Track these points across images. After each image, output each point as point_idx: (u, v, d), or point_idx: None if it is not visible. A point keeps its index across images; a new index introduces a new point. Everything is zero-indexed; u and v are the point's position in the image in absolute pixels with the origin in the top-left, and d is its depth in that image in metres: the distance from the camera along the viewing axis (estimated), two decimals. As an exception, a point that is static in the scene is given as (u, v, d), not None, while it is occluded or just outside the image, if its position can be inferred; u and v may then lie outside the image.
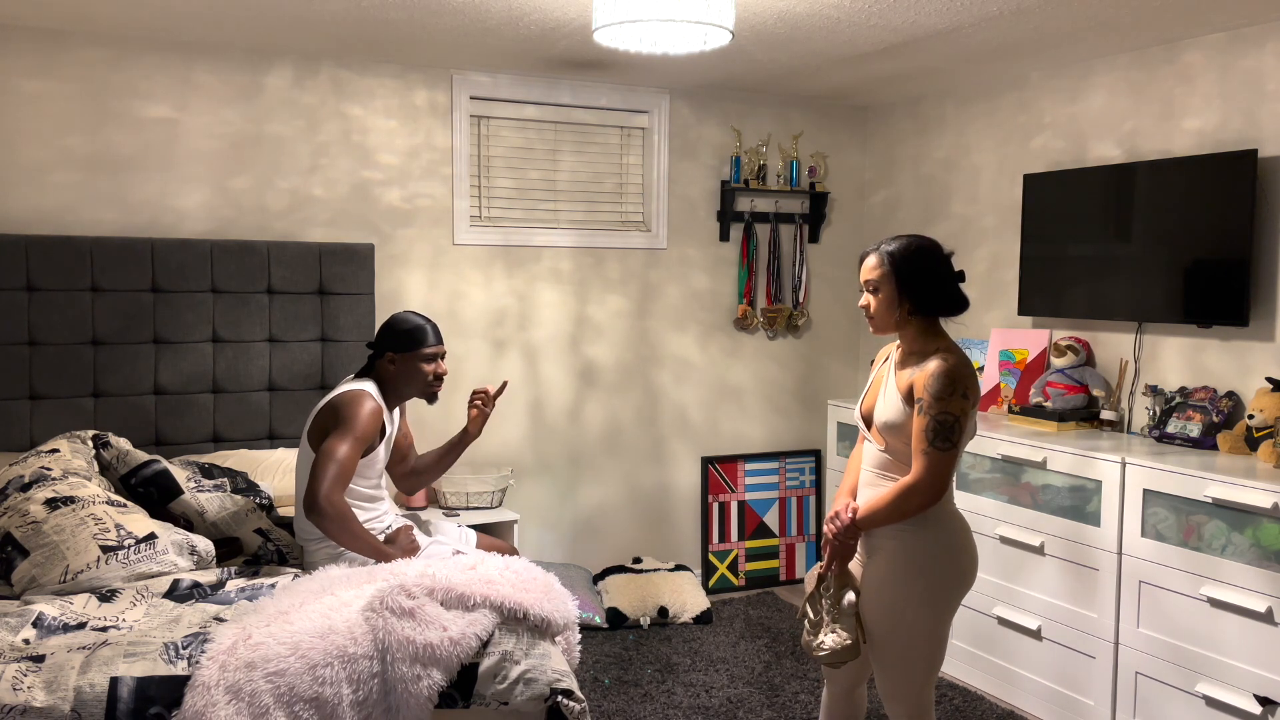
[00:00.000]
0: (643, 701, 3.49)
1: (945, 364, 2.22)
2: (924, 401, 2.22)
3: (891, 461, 2.35)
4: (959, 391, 2.20)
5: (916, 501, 2.24)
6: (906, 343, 2.36)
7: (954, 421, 2.20)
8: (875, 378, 2.46)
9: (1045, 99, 4.05)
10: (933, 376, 2.21)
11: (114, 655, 2.16)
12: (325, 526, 2.67)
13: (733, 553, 4.81)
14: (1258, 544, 2.83)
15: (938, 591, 2.31)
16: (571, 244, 4.44)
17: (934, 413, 2.20)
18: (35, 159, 3.55)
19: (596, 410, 4.55)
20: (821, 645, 2.37)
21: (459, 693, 2.24)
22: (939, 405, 2.19)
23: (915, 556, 2.30)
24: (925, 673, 2.35)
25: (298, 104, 3.91)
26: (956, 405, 2.20)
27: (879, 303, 2.34)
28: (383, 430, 2.90)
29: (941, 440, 2.20)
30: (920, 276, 2.30)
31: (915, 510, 2.25)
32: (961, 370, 2.22)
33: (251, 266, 3.75)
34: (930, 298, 2.30)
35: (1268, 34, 3.27)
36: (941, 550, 2.31)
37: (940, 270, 2.32)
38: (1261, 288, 3.27)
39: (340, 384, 2.96)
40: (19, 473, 2.84)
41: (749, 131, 4.73)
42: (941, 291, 2.31)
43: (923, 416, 2.22)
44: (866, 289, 2.37)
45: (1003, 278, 4.27)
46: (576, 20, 3.32)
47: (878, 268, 2.33)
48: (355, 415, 2.77)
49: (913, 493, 2.23)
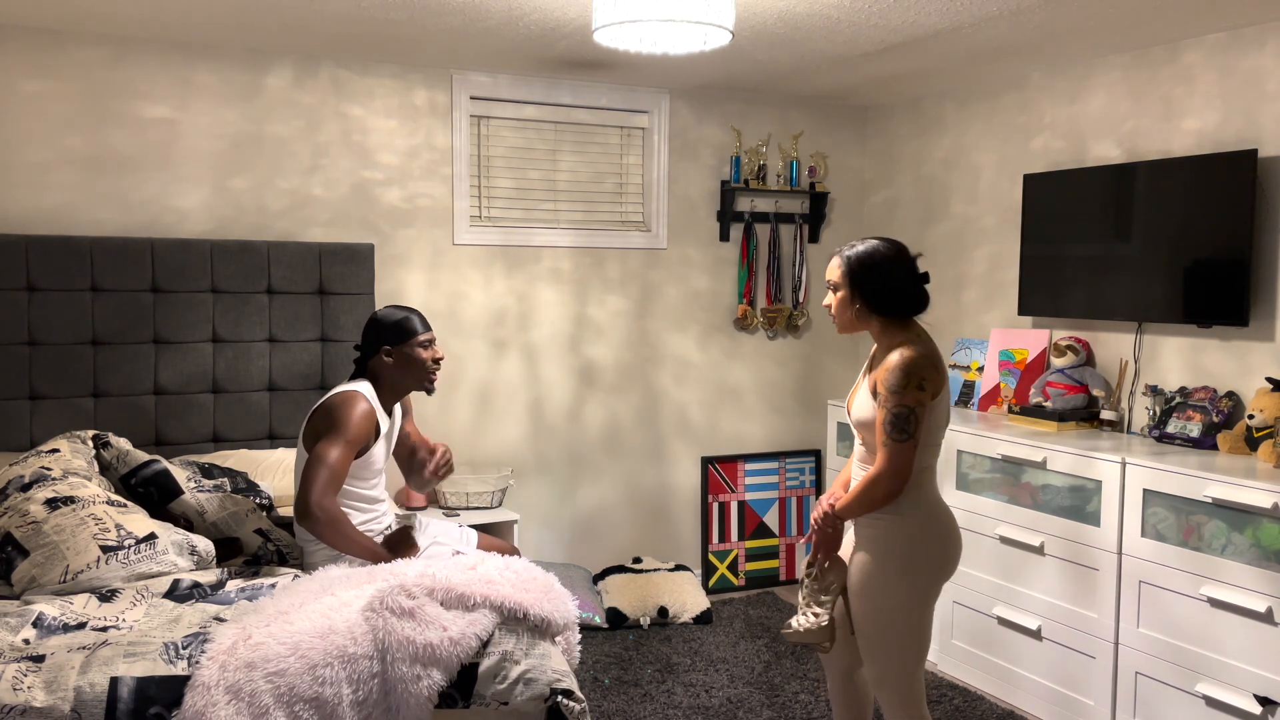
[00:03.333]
0: (643, 701, 3.49)
1: (902, 357, 2.31)
2: (881, 395, 2.33)
3: (869, 455, 2.46)
4: (914, 384, 2.29)
5: (881, 490, 2.34)
6: (874, 340, 2.48)
7: (909, 413, 2.29)
8: (859, 378, 2.56)
9: (1045, 99, 4.05)
10: (889, 371, 2.32)
11: (114, 655, 2.16)
12: (318, 531, 2.67)
13: (733, 553, 4.81)
14: (1258, 544, 2.83)
15: (917, 577, 2.39)
16: (571, 244, 4.44)
17: (890, 405, 2.30)
18: (35, 159, 3.55)
19: (596, 410, 4.56)
20: (789, 625, 2.49)
21: (459, 693, 2.24)
22: (895, 398, 2.29)
23: (894, 544, 2.39)
24: (910, 659, 2.42)
25: (298, 104, 3.92)
26: (911, 397, 2.29)
27: (837, 301, 2.47)
28: (377, 430, 2.90)
29: (897, 432, 2.29)
30: (871, 278, 2.40)
31: (882, 499, 2.35)
32: (919, 362, 2.31)
33: (251, 266, 3.75)
34: (881, 298, 2.40)
35: (1268, 34, 3.27)
36: (921, 538, 2.39)
37: (894, 272, 2.41)
38: (1261, 288, 3.27)
39: (336, 386, 2.96)
40: (19, 473, 2.84)
41: (749, 131, 4.73)
42: (894, 292, 2.40)
43: (881, 410, 2.33)
44: (829, 288, 2.50)
45: (1003, 278, 4.27)
46: (576, 20, 3.32)
47: (837, 269, 2.46)
48: (346, 418, 2.77)
49: (876, 483, 2.34)
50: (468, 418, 4.29)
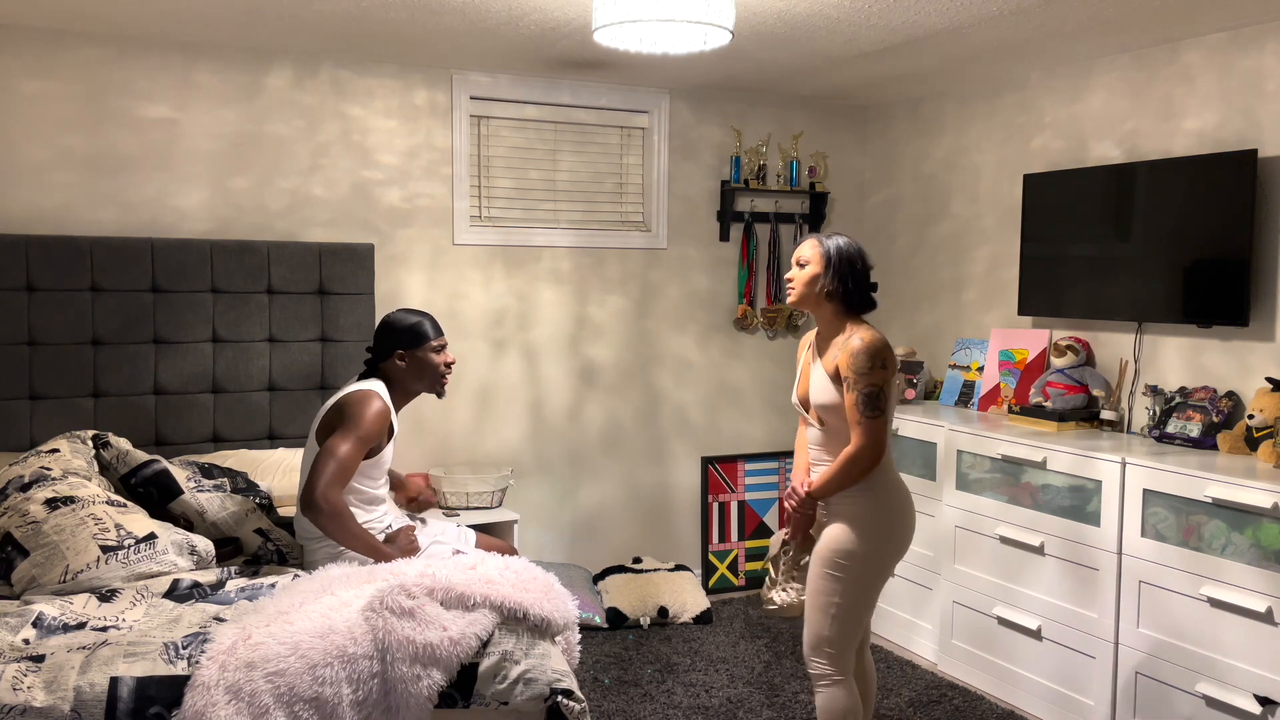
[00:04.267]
0: (643, 701, 3.49)
1: (864, 341, 2.50)
2: (850, 379, 2.50)
3: (827, 439, 2.64)
4: (878, 364, 2.49)
5: (861, 467, 2.52)
6: (822, 326, 2.66)
7: (878, 391, 2.49)
8: (803, 366, 2.74)
9: (1045, 99, 4.05)
10: (854, 355, 2.50)
11: (114, 655, 2.16)
12: (321, 523, 2.67)
13: (733, 553, 4.81)
14: (1258, 544, 2.83)
15: (882, 551, 2.58)
16: (571, 244, 4.44)
17: (861, 386, 2.48)
18: (35, 159, 3.55)
19: (596, 410, 4.55)
20: (771, 600, 2.74)
21: (459, 693, 2.24)
22: (864, 379, 2.48)
23: (866, 517, 2.57)
24: (848, 627, 2.58)
25: (298, 104, 3.92)
26: (878, 376, 2.48)
27: (805, 275, 2.62)
28: (390, 431, 2.90)
29: (870, 409, 2.48)
30: (846, 270, 2.60)
31: (861, 475, 2.54)
32: (878, 345, 2.51)
33: (251, 266, 3.75)
34: (848, 291, 2.60)
35: (1268, 34, 3.27)
36: (890, 515, 2.59)
37: (860, 270, 2.61)
38: (1261, 288, 3.27)
39: (346, 385, 2.96)
40: (19, 473, 2.84)
41: (749, 131, 4.73)
42: (856, 285, 2.60)
43: (852, 392, 2.50)
44: (796, 264, 2.66)
45: (1003, 278, 4.27)
46: (576, 20, 3.32)
47: (813, 249, 2.64)
48: (361, 415, 2.78)
49: (856, 460, 2.52)
50: (468, 417, 4.29)
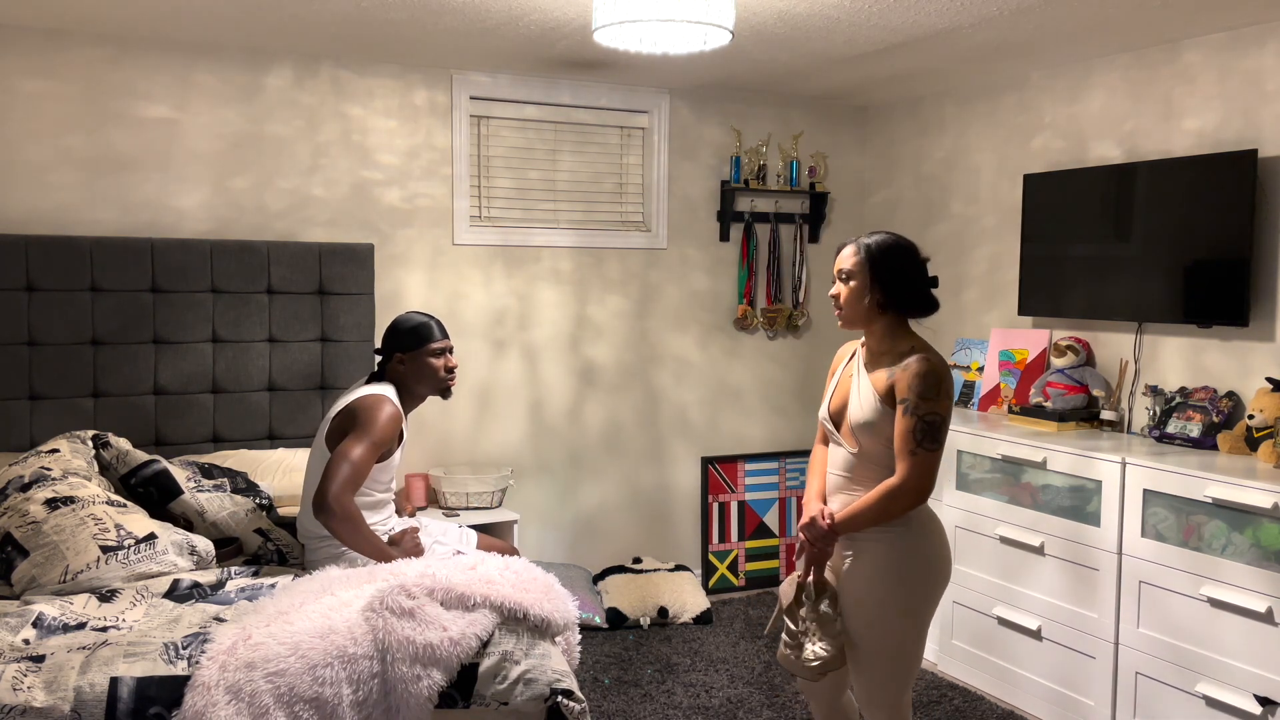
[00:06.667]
0: (643, 701, 3.49)
1: (930, 364, 2.21)
2: (909, 402, 2.19)
3: (860, 465, 2.32)
4: (944, 391, 2.20)
5: (904, 503, 2.22)
6: (874, 340, 2.34)
7: (941, 422, 2.19)
8: (842, 378, 2.42)
9: (1045, 99, 4.05)
10: (917, 377, 2.20)
11: (114, 655, 2.16)
12: (333, 527, 2.67)
13: (733, 553, 4.81)
14: (1258, 544, 2.83)
15: (921, 595, 2.30)
16: (571, 244, 4.44)
17: (922, 413, 2.18)
18: (35, 159, 3.55)
19: (596, 410, 4.55)
20: (807, 659, 2.32)
21: (459, 693, 2.24)
22: (926, 405, 2.18)
23: (899, 560, 2.28)
24: (906, 677, 2.35)
25: (298, 104, 3.91)
26: (944, 406, 2.20)
27: (849, 292, 2.32)
28: (400, 435, 2.90)
29: (930, 441, 2.19)
30: (893, 272, 2.29)
31: (901, 512, 2.23)
32: (943, 371, 2.23)
33: (251, 266, 3.75)
34: (900, 293, 2.29)
35: (1268, 34, 3.27)
36: (925, 553, 2.30)
37: (913, 269, 2.31)
38: (1261, 288, 3.27)
39: (353, 388, 2.95)
40: (19, 473, 2.84)
41: (749, 131, 4.73)
42: (912, 289, 2.30)
43: (909, 417, 2.19)
44: (839, 278, 2.35)
45: (1003, 278, 4.27)
46: (576, 20, 3.32)
47: (853, 257, 2.32)
48: (374, 419, 2.77)
49: (900, 494, 2.21)
50: (468, 417, 4.29)
